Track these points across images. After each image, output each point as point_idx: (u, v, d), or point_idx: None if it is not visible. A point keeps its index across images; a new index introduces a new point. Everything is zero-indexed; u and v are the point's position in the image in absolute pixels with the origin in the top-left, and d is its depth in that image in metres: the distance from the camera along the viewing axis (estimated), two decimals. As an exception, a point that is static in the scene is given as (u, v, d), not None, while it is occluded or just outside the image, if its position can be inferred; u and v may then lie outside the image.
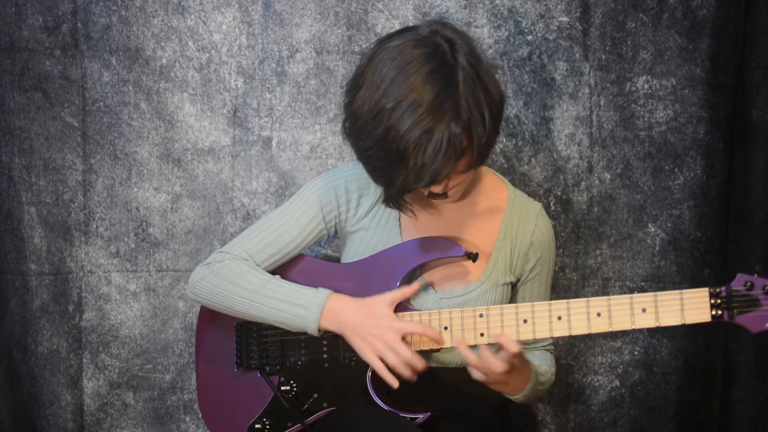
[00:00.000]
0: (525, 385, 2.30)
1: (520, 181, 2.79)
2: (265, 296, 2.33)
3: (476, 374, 2.21)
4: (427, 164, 2.09)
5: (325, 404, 2.35)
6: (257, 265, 2.38)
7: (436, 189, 2.19)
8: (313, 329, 2.30)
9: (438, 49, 2.13)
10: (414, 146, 2.08)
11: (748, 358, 2.83)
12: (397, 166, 2.11)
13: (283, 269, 2.42)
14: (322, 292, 2.31)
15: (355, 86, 2.18)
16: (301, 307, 2.30)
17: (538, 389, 2.36)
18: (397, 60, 2.12)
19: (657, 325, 2.15)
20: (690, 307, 2.13)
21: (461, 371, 2.37)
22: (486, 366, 2.17)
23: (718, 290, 2.12)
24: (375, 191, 2.39)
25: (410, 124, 2.07)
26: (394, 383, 2.25)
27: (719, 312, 2.11)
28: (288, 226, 2.39)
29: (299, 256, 2.43)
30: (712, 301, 2.12)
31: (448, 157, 2.09)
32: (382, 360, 2.25)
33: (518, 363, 2.22)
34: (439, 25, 2.18)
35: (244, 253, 2.38)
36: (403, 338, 2.26)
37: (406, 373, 2.25)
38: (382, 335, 2.24)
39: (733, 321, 2.11)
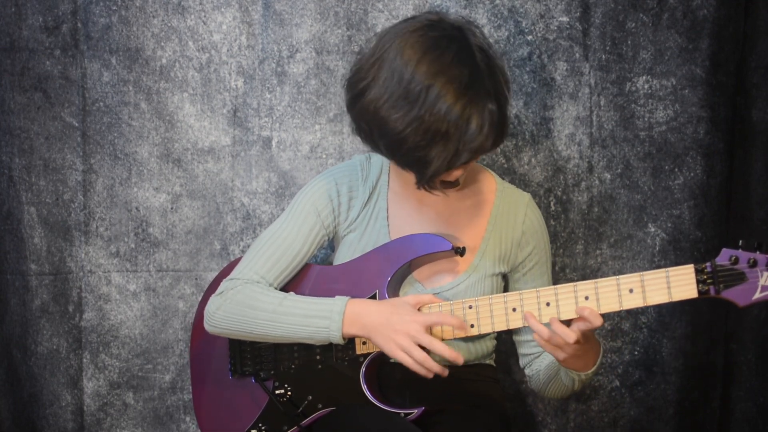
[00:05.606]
0: (596, 359, 2.30)
1: (520, 181, 2.79)
2: (284, 314, 2.31)
3: (549, 349, 2.19)
4: (468, 141, 2.13)
5: (320, 405, 2.36)
6: (270, 285, 2.36)
7: (457, 173, 2.22)
8: (337, 337, 2.28)
9: (453, 34, 2.16)
10: (456, 124, 2.11)
11: (748, 358, 2.82)
12: (435, 146, 2.14)
13: None
14: (341, 300, 2.29)
15: (366, 76, 2.18)
16: (323, 318, 2.28)
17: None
18: (419, 43, 2.14)
19: (645, 304, 2.14)
20: (676, 284, 2.12)
21: (458, 369, 2.37)
22: (558, 338, 2.16)
23: (703, 266, 2.11)
24: (364, 193, 2.40)
25: (450, 102, 2.10)
26: (428, 374, 2.24)
27: (706, 288, 2.10)
28: (291, 239, 2.38)
29: None
30: (698, 277, 2.11)
31: (487, 134, 2.14)
32: (410, 356, 2.23)
33: (591, 334, 2.21)
34: (436, 14, 2.23)
35: (255, 275, 2.36)
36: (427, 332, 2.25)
37: (434, 367, 2.23)
38: (406, 330, 2.23)
39: (720, 296, 2.09)
